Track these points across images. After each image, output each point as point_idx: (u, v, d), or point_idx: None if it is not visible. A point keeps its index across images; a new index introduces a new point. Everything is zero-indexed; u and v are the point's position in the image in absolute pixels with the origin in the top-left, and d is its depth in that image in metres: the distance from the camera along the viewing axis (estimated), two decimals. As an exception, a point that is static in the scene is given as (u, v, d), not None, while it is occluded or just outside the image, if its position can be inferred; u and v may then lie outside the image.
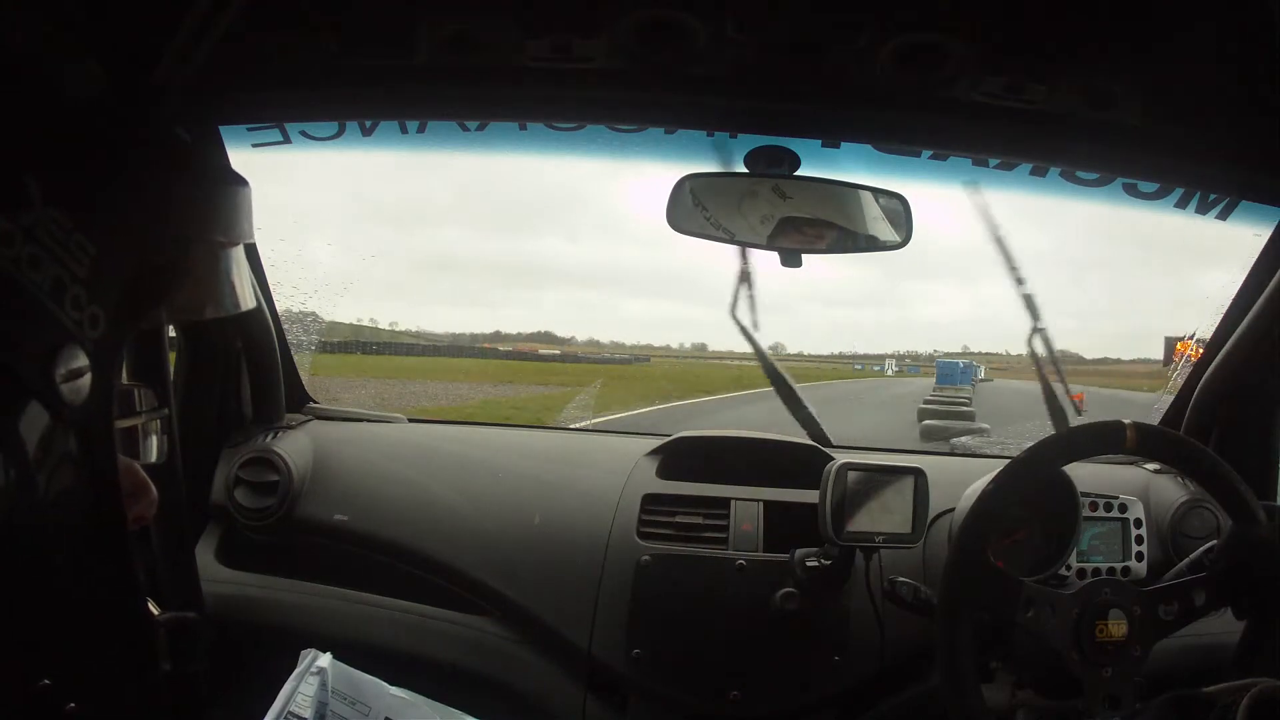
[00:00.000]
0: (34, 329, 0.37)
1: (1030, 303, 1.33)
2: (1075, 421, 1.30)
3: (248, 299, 0.51)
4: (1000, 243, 1.26)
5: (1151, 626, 0.90)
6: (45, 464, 0.37)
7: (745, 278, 1.28)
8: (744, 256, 1.26)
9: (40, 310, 0.37)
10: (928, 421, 9.56)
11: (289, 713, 0.77)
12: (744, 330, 1.33)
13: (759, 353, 1.39)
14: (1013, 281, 1.31)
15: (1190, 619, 0.92)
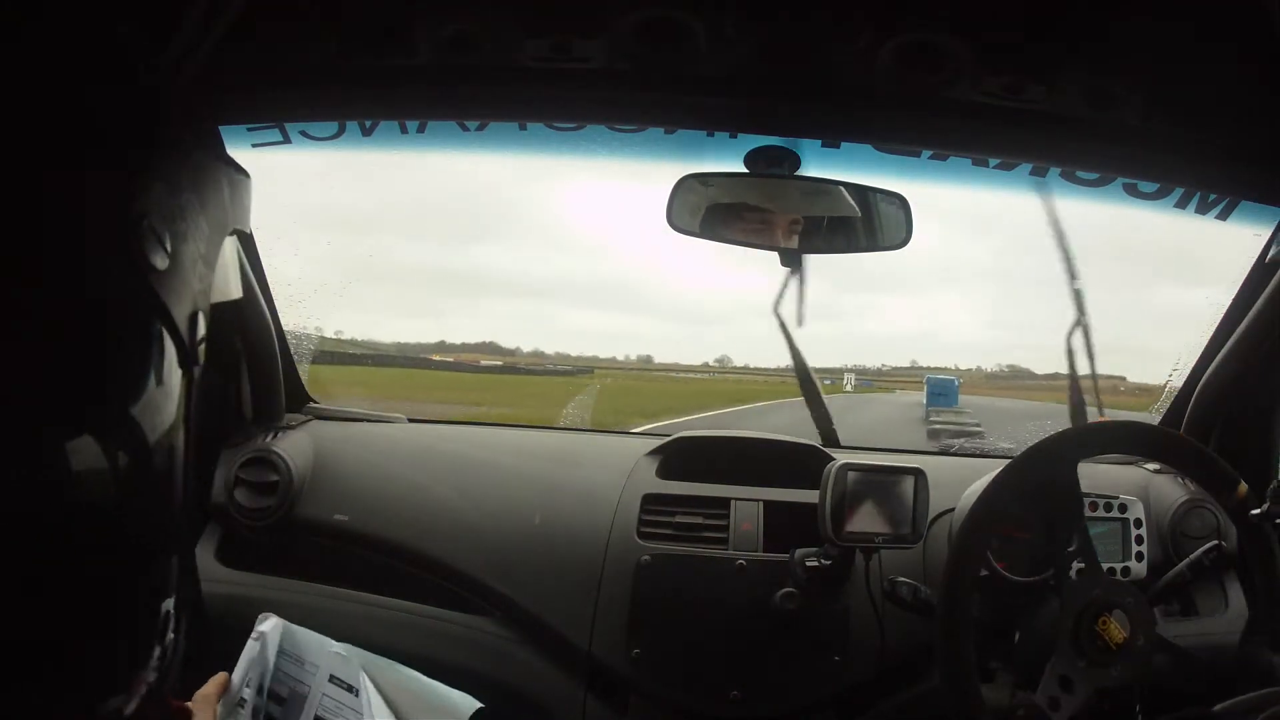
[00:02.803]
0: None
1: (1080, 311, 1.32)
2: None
3: (234, 288, 0.52)
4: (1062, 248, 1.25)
5: (1140, 664, 0.90)
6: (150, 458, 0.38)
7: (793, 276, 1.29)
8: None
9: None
10: (945, 442, 9.52)
11: (242, 687, 0.78)
12: (783, 328, 1.35)
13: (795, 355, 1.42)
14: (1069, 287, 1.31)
15: (1178, 680, 0.92)
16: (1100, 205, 1.03)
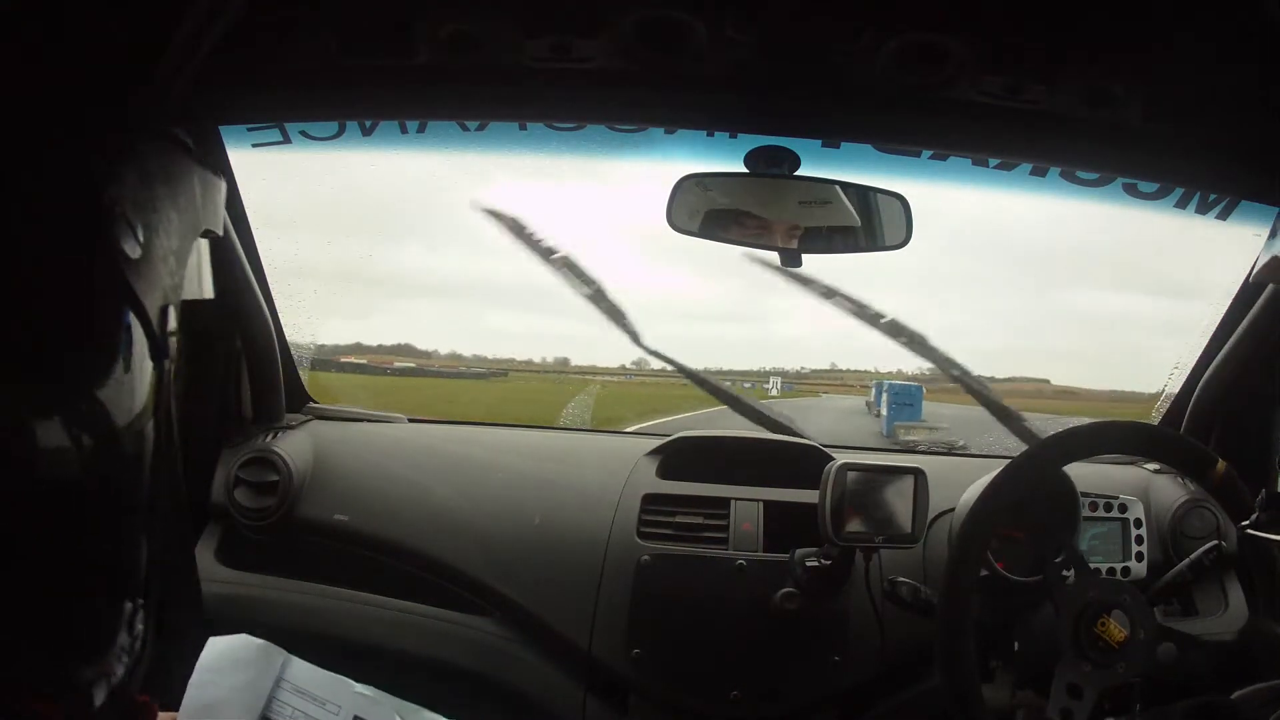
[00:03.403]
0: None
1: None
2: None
3: (207, 289, 0.52)
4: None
5: (1145, 657, 0.90)
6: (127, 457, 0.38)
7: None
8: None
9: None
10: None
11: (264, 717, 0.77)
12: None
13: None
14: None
15: (1182, 672, 0.91)
16: (1100, 205, 1.03)
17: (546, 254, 1.27)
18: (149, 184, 0.40)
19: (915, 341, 1.36)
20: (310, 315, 1.34)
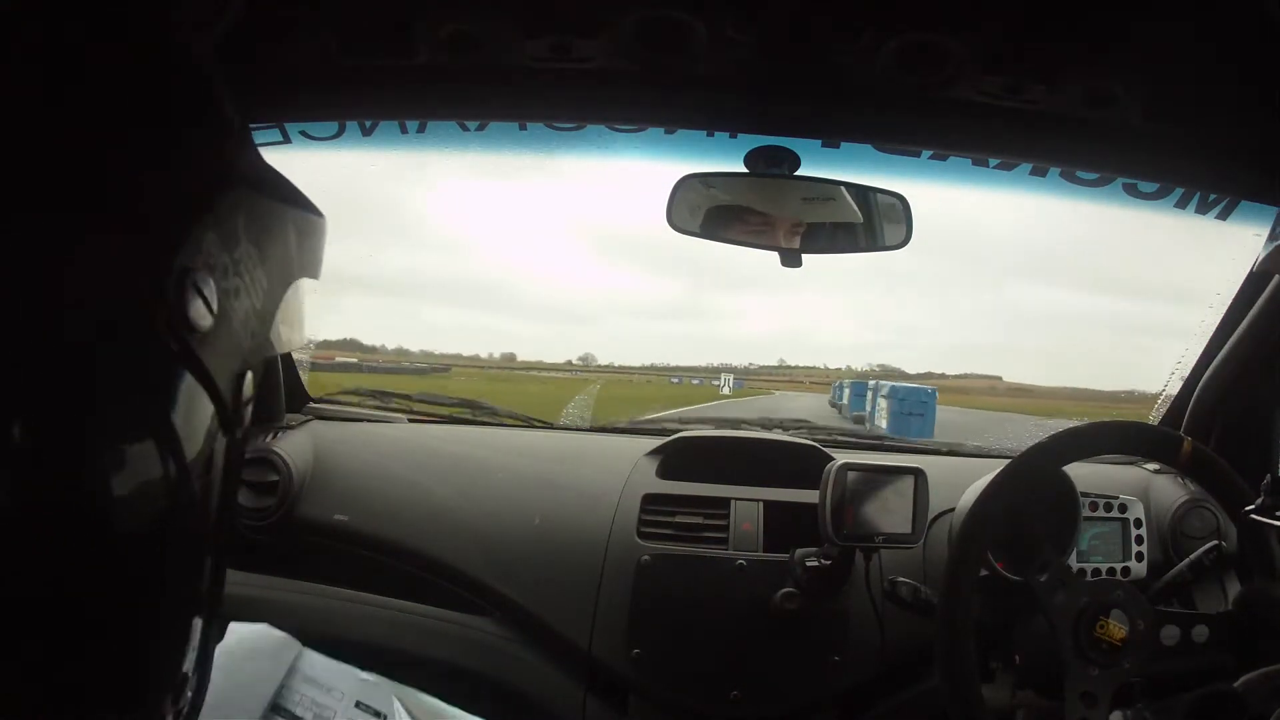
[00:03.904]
0: (231, 359, 0.37)
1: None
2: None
3: (299, 339, 0.51)
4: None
5: (1149, 644, 0.89)
6: (210, 478, 0.37)
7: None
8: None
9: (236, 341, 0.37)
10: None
11: (276, 704, 0.78)
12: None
13: None
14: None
15: (1189, 653, 0.90)
16: (1100, 205, 1.03)
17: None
18: (230, 245, 0.36)
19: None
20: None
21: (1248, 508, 0.89)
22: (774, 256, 1.00)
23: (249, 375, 0.39)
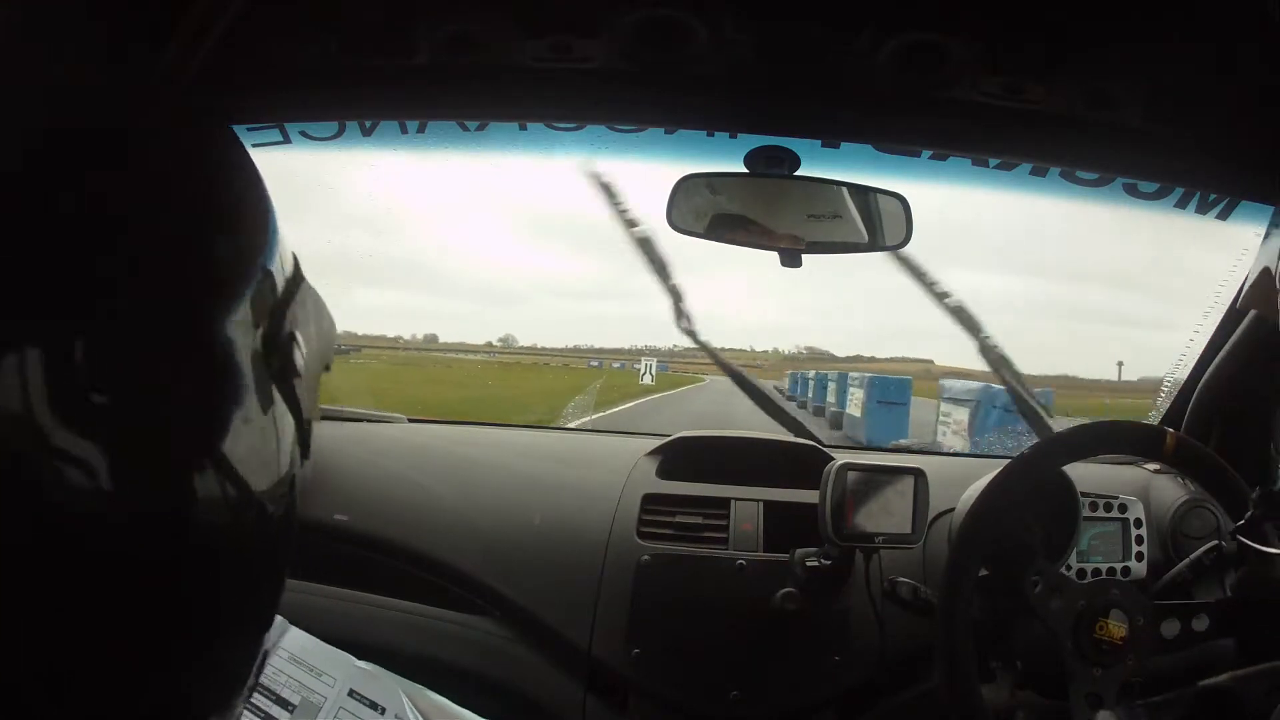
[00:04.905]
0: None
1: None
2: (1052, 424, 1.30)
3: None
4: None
5: (1151, 639, 0.90)
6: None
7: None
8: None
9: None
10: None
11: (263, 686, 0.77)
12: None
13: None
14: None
15: (1191, 643, 0.91)
16: (1100, 205, 1.03)
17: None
18: (296, 287, 0.38)
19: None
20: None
21: (1236, 525, 0.89)
22: (691, 240, 1.00)
23: (315, 408, 0.41)
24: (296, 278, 0.38)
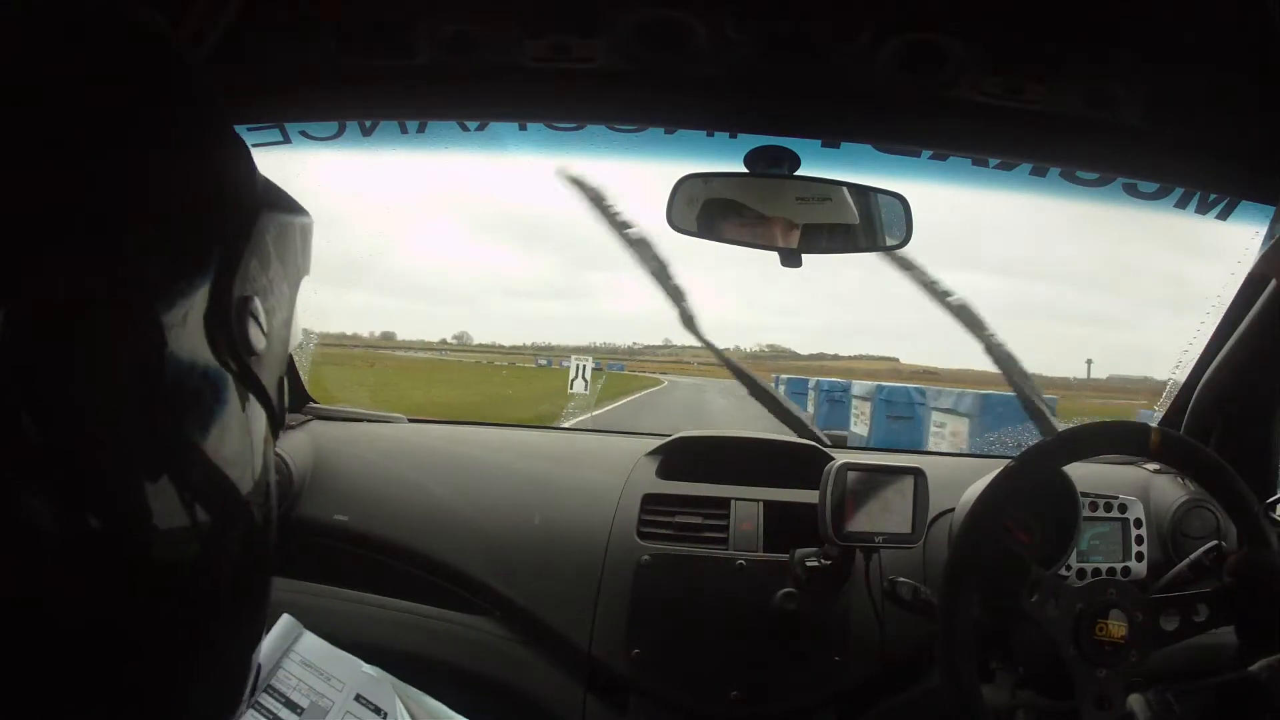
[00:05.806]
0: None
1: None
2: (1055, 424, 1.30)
3: (298, 336, 0.51)
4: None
5: (1152, 633, 0.90)
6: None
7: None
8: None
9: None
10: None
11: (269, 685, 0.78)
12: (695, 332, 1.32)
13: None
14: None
15: (1192, 633, 0.91)
16: (1100, 205, 1.03)
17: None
18: (266, 266, 0.37)
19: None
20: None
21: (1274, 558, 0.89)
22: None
23: (284, 380, 0.41)
24: (247, 232, 0.36)
